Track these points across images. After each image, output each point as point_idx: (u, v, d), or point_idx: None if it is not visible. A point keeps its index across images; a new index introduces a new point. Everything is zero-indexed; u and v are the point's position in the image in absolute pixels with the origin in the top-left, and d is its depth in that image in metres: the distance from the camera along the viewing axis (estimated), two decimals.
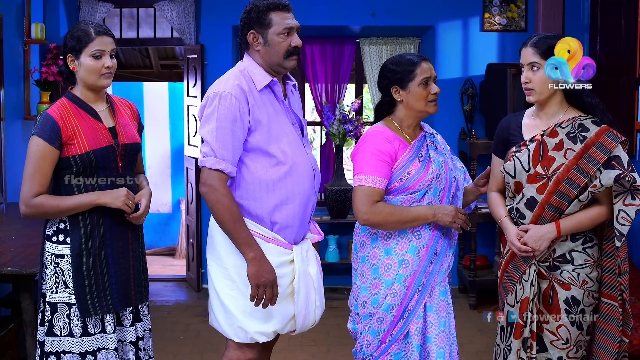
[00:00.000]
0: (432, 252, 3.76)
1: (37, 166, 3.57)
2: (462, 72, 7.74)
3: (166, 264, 9.69)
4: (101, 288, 3.65)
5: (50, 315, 3.68)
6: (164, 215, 10.63)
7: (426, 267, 3.75)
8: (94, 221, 3.65)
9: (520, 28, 7.68)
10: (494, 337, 6.15)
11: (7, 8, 6.72)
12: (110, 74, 3.70)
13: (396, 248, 3.77)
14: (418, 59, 3.77)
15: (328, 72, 8.05)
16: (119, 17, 8.23)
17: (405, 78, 3.75)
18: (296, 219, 3.71)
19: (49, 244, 3.69)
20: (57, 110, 3.64)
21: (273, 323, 3.72)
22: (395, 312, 3.74)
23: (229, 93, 3.56)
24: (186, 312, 7.16)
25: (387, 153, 3.71)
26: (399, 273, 3.74)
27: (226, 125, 3.54)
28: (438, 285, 3.79)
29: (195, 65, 7.75)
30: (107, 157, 3.66)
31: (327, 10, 7.70)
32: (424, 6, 7.70)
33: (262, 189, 3.64)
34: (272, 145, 3.63)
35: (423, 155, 3.77)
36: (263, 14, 3.65)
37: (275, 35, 3.65)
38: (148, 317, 3.97)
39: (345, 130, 7.49)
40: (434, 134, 3.94)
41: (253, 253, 3.56)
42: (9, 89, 6.71)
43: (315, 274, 3.81)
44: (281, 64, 3.70)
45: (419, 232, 3.75)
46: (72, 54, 3.67)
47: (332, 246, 7.76)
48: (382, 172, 3.70)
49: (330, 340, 6.27)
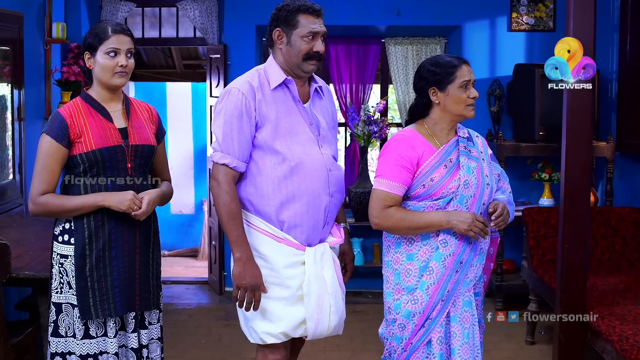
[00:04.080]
0: (459, 260, 3.64)
1: (44, 163, 3.59)
2: (489, 73, 7.64)
3: (189, 266, 9.68)
4: (103, 291, 3.61)
5: (55, 316, 3.66)
6: (187, 217, 10.60)
7: (451, 276, 3.63)
8: (99, 222, 3.61)
9: (549, 28, 7.57)
10: (521, 342, 6.10)
11: (27, 7, 6.68)
12: (125, 73, 3.65)
13: (418, 254, 3.67)
14: (459, 62, 3.67)
15: (353, 73, 7.97)
16: (141, 17, 8.22)
17: (445, 80, 3.65)
18: (305, 219, 3.69)
19: (55, 243, 3.68)
20: (68, 108, 3.63)
21: (281, 325, 3.69)
22: (417, 320, 3.65)
23: (237, 89, 3.65)
24: (208, 315, 7.09)
25: (409, 159, 3.63)
26: (421, 280, 3.64)
27: (232, 120, 3.61)
28: (462, 295, 3.67)
29: (218, 65, 7.71)
30: (114, 156, 3.62)
31: (351, 10, 7.63)
32: (451, 5, 7.62)
33: (269, 185, 3.67)
34: (278, 142, 3.66)
35: (452, 160, 3.66)
36: (292, 14, 3.68)
37: (298, 37, 3.68)
38: (157, 326, 3.90)
39: (370, 131, 7.42)
40: (473, 137, 3.82)
41: (240, 254, 3.61)
42: (30, 89, 6.67)
43: (329, 277, 3.76)
44: (300, 66, 3.72)
45: (446, 240, 3.63)
46: (89, 51, 3.65)
47: (356, 249, 7.65)
48: (399, 178, 3.63)
49: (354, 345, 6.17)
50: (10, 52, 6.29)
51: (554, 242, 5.91)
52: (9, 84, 6.31)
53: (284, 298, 3.69)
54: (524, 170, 7.49)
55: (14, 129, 6.37)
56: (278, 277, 3.68)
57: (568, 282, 4.72)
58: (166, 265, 9.50)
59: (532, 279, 6.10)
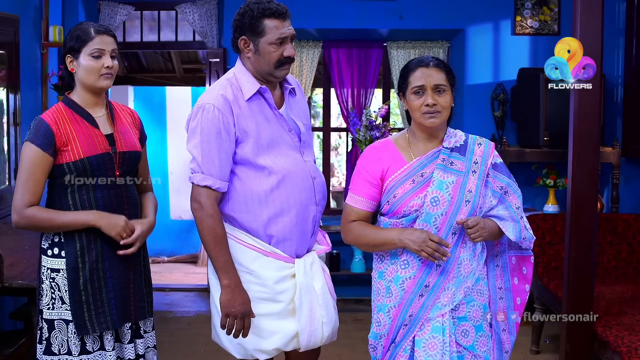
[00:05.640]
0: (422, 284, 3.38)
1: (29, 173, 3.44)
2: (492, 77, 7.56)
3: (188, 272, 9.63)
4: (99, 304, 3.50)
5: (47, 333, 3.53)
6: (186, 222, 10.51)
7: (412, 300, 3.39)
8: (90, 234, 3.49)
9: (553, 31, 7.47)
10: (526, 351, 6.01)
11: (23, 10, 6.61)
12: (110, 75, 3.54)
13: (386, 273, 3.48)
14: (415, 65, 3.41)
15: (354, 77, 7.89)
16: (139, 20, 8.15)
17: (402, 86, 3.45)
18: (294, 232, 3.56)
19: (44, 257, 3.55)
20: (52, 115, 3.50)
21: (273, 340, 3.58)
22: (384, 342, 3.48)
23: (212, 105, 3.44)
24: (207, 323, 6.80)
25: (372, 173, 3.44)
26: (384, 303, 3.46)
27: (211, 139, 3.43)
28: (433, 320, 3.39)
29: (218, 69, 7.64)
30: (103, 164, 3.51)
31: (353, 13, 7.55)
32: (454, 9, 7.55)
33: (254, 201, 3.52)
34: (262, 156, 3.50)
35: (424, 175, 3.39)
36: (256, 20, 3.47)
37: (267, 45, 3.48)
38: (152, 334, 3.79)
39: (372, 136, 7.35)
40: (469, 146, 3.48)
41: (228, 280, 3.46)
42: (26, 93, 6.60)
43: (320, 288, 3.63)
44: (272, 74, 3.54)
45: (407, 261, 3.40)
46: (71, 54, 3.52)
47: (357, 256, 7.57)
48: (363, 192, 3.46)
49: (356, 355, 6.05)
50: (5, 55, 6.22)
51: (560, 250, 5.85)
52: (4, 89, 6.22)
53: (276, 313, 3.57)
54: (528, 176, 7.39)
55: (10, 134, 6.29)
56: (269, 293, 3.55)
57: (575, 291, 4.64)
58: (165, 272, 9.51)
59: (538, 287, 6.02)
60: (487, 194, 3.45)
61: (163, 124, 10.59)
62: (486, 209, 3.45)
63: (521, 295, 3.59)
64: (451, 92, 3.42)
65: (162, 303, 7.66)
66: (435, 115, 3.36)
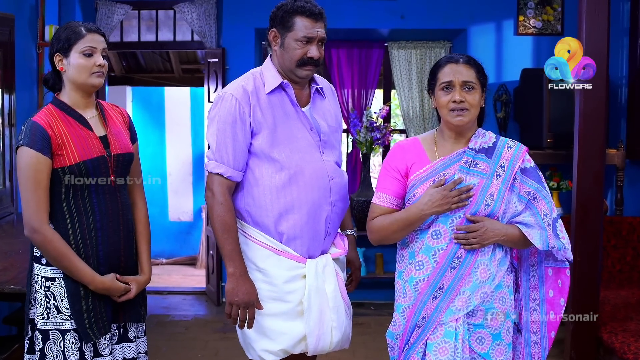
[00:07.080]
0: (435, 286, 3.30)
1: (36, 182, 3.28)
2: (495, 78, 7.48)
3: (187, 274, 9.60)
4: (98, 309, 3.41)
5: (41, 344, 3.39)
6: (185, 224, 10.51)
7: (426, 302, 3.31)
8: (86, 240, 3.38)
9: (557, 31, 7.40)
10: None
11: (19, 9, 6.55)
12: (102, 73, 3.44)
13: (404, 273, 3.40)
14: (445, 61, 3.33)
15: (355, 77, 7.84)
16: (137, 20, 8.09)
17: (432, 82, 3.36)
18: (305, 230, 3.55)
19: (37, 266, 3.41)
20: (44, 117, 3.37)
21: (280, 342, 3.56)
22: (399, 342, 3.40)
23: (231, 94, 3.51)
24: (205, 327, 6.93)
25: (397, 169, 3.36)
26: (400, 303, 3.39)
27: (226, 127, 3.49)
28: (446, 324, 3.30)
29: (216, 70, 7.58)
30: (98, 168, 3.39)
31: (354, 13, 7.49)
32: (456, 8, 7.48)
33: (266, 195, 3.54)
34: (276, 149, 3.52)
35: (446, 175, 3.28)
36: (288, 15, 3.51)
37: (292, 40, 3.51)
38: (144, 339, 3.70)
39: (373, 138, 7.25)
40: (498, 149, 3.36)
41: (233, 269, 3.50)
42: (21, 94, 6.53)
43: (331, 291, 3.59)
44: (293, 71, 3.55)
45: (422, 262, 3.31)
46: (60, 52, 3.41)
47: None
48: (389, 189, 3.37)
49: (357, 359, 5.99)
50: (0, 55, 6.14)
51: None
52: None
53: (284, 313, 3.54)
54: None
55: (5, 135, 6.22)
56: (277, 292, 3.54)
57: (580, 296, 4.57)
58: (164, 274, 9.47)
59: None
60: (512, 199, 3.32)
61: (162, 125, 10.55)
62: (510, 215, 3.33)
63: (555, 309, 3.44)
64: (481, 91, 3.33)
65: (160, 306, 7.60)
66: (463, 113, 3.26)
